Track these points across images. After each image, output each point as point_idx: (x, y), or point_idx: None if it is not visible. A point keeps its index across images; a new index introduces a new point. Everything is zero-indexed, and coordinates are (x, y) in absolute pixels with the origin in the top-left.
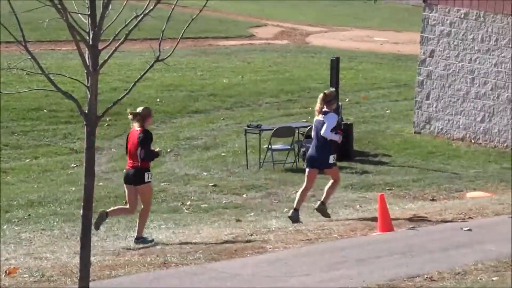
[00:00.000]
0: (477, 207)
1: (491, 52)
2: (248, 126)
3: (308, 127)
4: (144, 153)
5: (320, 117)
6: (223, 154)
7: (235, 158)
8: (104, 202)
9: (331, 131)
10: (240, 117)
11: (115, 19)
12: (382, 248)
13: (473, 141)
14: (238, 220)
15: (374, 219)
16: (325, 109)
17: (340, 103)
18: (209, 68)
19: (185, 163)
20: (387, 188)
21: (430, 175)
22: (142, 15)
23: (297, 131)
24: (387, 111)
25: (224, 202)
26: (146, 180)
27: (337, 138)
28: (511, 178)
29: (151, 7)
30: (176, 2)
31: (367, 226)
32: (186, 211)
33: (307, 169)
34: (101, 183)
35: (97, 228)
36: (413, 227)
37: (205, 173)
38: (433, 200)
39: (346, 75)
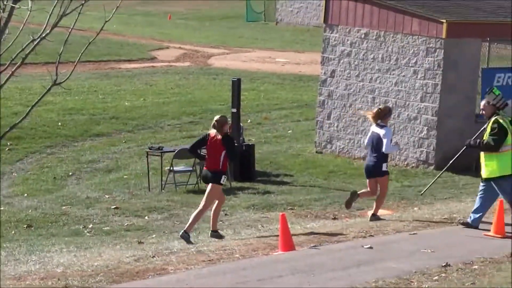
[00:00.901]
0: (378, 225)
1: (391, 72)
2: (149, 148)
3: None
4: (232, 156)
5: (376, 130)
6: (125, 176)
7: (137, 181)
8: (6, 226)
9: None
10: (142, 140)
11: (11, 43)
12: (283, 267)
13: None
14: (140, 242)
15: (276, 238)
16: (381, 122)
17: (241, 124)
18: (111, 91)
19: (87, 186)
20: (289, 208)
21: (331, 194)
22: (38, 39)
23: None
24: (289, 131)
25: (126, 224)
26: (221, 182)
27: (396, 149)
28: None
29: (48, 31)
30: (73, 26)
31: (268, 246)
32: (88, 234)
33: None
34: (2, 208)
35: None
36: (314, 246)
37: (107, 196)
38: (334, 218)
39: (248, 96)
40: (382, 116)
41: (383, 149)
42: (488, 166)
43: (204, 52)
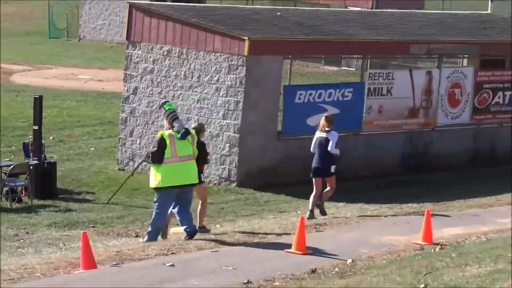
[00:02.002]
0: (180, 242)
1: (194, 89)
2: None
3: (12, 166)
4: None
5: (323, 134)
6: None
7: None
8: None
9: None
10: None
11: None
12: (85, 286)
13: None
14: None
15: (78, 256)
16: (327, 128)
17: (43, 141)
18: None
19: None
20: (91, 226)
21: (134, 212)
22: None
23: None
24: (92, 149)
25: None
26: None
27: (337, 152)
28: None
29: None
30: None
31: (70, 264)
32: None
33: (313, 179)
34: None
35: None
36: (116, 264)
37: None
38: (137, 236)
39: (51, 113)
40: (331, 122)
41: (329, 148)
42: (155, 176)
43: (6, 69)
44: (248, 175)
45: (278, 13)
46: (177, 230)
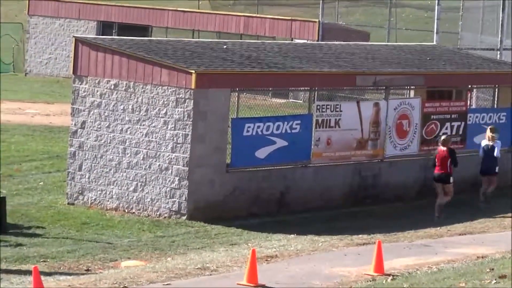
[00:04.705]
0: (131, 276)
1: (141, 122)
2: None
3: None
4: (454, 164)
5: (490, 143)
6: None
7: None
8: None
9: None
10: None
11: None
12: None
13: (126, 210)
14: None
15: None
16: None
17: None
18: None
19: None
20: (41, 260)
21: (84, 246)
22: None
23: None
24: (40, 183)
25: None
26: (451, 181)
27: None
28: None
29: None
30: None
31: None
32: None
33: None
34: None
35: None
36: None
37: None
38: (87, 270)
39: None
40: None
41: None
42: None
43: None
44: (198, 208)
45: (225, 46)
46: (129, 263)
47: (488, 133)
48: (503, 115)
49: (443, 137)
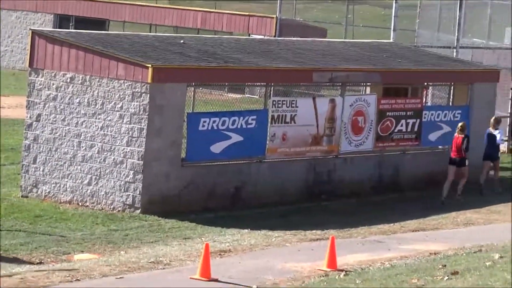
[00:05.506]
0: (84, 269)
1: (97, 116)
2: None
3: None
4: (466, 149)
5: (494, 131)
6: None
7: None
8: None
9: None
10: None
11: None
12: None
13: (80, 203)
14: None
15: None
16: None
17: None
18: None
19: None
20: None
21: (37, 239)
22: None
23: None
24: None
25: None
26: (466, 164)
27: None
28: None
29: None
30: None
31: None
32: None
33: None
34: None
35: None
36: None
37: None
38: (40, 263)
39: None
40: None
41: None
42: None
43: None
44: (152, 202)
45: (182, 41)
46: (82, 257)
47: (492, 122)
48: (458, 113)
49: (460, 124)
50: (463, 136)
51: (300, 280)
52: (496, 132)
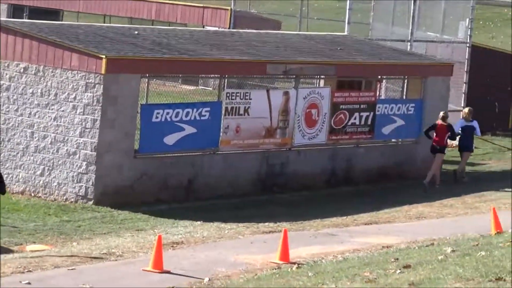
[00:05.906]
0: (36, 260)
1: (50, 106)
2: None
3: None
4: (452, 137)
5: (468, 123)
6: None
7: None
8: None
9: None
10: None
11: None
12: None
13: (33, 194)
14: None
15: None
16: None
17: None
18: None
19: None
20: None
21: None
22: None
23: None
24: None
25: None
26: (444, 152)
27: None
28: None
29: None
30: None
31: None
32: None
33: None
34: None
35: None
36: None
37: None
38: None
39: None
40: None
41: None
42: None
43: None
44: (105, 193)
45: (136, 32)
46: (34, 248)
47: (465, 111)
48: (411, 106)
49: (442, 113)
50: (446, 124)
51: (253, 273)
52: (473, 124)
